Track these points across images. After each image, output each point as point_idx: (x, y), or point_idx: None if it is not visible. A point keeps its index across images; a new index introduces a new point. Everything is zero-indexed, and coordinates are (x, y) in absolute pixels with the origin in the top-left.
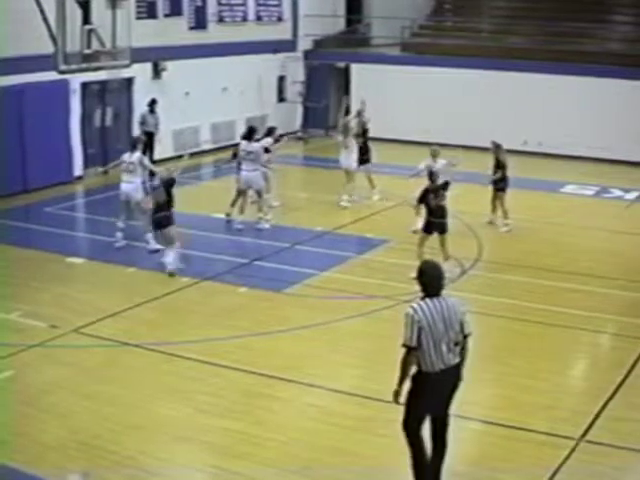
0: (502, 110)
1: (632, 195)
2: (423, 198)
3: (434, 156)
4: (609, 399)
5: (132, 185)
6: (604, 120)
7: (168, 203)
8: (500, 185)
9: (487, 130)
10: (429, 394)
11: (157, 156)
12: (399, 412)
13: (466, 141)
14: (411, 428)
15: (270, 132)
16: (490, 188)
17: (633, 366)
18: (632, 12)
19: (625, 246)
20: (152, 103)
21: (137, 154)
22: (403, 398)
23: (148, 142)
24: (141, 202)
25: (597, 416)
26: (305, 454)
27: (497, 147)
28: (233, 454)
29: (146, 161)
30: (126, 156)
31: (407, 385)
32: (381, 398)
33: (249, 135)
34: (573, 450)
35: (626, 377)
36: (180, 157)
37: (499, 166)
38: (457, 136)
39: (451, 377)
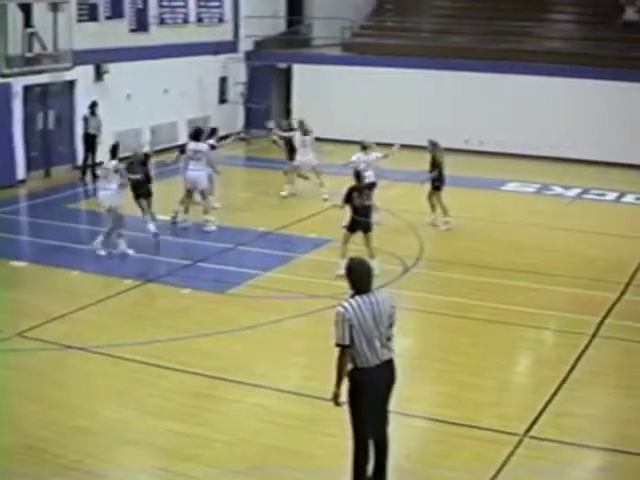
0: (444, 109)
1: (573, 192)
2: (348, 197)
3: (365, 148)
4: (553, 395)
5: (107, 192)
6: (544, 118)
7: (146, 177)
8: (436, 183)
9: (429, 129)
10: (367, 389)
11: (99, 158)
12: (345, 411)
13: (409, 140)
14: (360, 431)
15: (213, 133)
16: (427, 186)
17: (576, 361)
18: (572, 10)
19: (566, 243)
20: (93, 105)
21: (113, 162)
22: (343, 399)
23: (90, 144)
24: (116, 208)
25: (541, 412)
26: (252, 454)
27: (434, 145)
28: (180, 456)
29: (121, 168)
30: (105, 162)
31: (345, 385)
32: (327, 397)
33: (196, 135)
34: (517, 446)
35: (570, 373)
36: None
37: (435, 164)
38: (400, 135)
39: (386, 372)
